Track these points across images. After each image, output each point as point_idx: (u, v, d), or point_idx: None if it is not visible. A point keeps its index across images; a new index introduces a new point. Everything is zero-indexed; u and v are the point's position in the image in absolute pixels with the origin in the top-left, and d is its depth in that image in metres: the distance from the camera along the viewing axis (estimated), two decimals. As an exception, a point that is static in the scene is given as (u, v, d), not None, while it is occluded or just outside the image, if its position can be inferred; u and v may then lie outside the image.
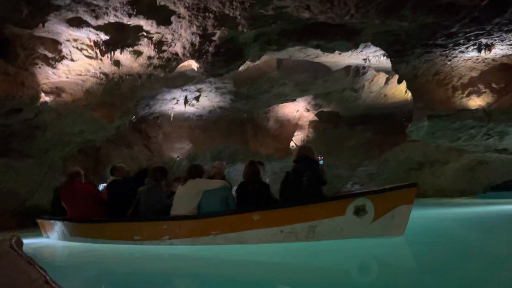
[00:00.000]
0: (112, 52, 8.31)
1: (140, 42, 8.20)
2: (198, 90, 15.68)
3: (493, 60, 10.03)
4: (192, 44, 8.16)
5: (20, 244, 1.96)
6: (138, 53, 8.54)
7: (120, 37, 8.02)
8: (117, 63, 8.84)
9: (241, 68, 13.53)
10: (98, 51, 8.27)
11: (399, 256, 4.63)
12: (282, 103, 17.80)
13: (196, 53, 8.34)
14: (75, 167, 7.93)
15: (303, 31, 8.45)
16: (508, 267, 4.00)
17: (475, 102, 10.59)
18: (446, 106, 10.77)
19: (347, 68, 14.44)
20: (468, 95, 10.57)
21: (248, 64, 13.14)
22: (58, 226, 7.27)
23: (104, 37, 7.93)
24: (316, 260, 4.49)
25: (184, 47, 8.32)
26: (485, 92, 10.47)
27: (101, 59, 8.59)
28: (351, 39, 8.54)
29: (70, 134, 10.37)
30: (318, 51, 11.51)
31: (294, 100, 17.39)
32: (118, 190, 5.99)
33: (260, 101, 16.71)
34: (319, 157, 5.99)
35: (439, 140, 12.18)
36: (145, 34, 7.97)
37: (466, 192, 18.94)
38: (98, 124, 10.23)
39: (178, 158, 16.80)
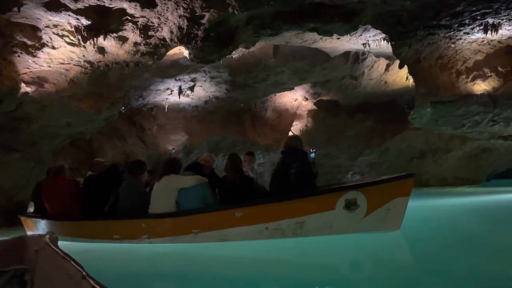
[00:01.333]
0: (95, 38, 7.81)
1: (124, 27, 7.70)
2: (193, 80, 15.23)
3: (499, 42, 9.52)
4: (180, 28, 7.66)
5: (55, 240, 1.95)
6: (123, 39, 8.04)
7: (102, 22, 7.52)
8: (101, 50, 8.35)
9: (235, 55, 13.11)
10: (80, 37, 7.78)
11: (394, 251, 4.38)
12: (280, 92, 17.35)
13: (184, 38, 7.85)
14: (59, 161, 7.49)
15: (299, 13, 7.95)
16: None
17: (480, 86, 10.09)
18: (450, 92, 10.28)
19: (346, 54, 13.95)
20: (473, 80, 10.07)
21: (243, 51, 12.66)
22: (41, 224, 6.89)
23: (85, 22, 7.42)
24: (305, 257, 4.27)
25: (171, 32, 7.82)
26: (490, 76, 9.97)
27: (84, 46, 8.10)
28: (349, 20, 8.03)
29: (57, 126, 9.91)
30: (316, 36, 11.05)
31: (292, 88, 16.93)
32: (92, 186, 5.57)
33: (257, 90, 16.26)
34: (311, 150, 5.58)
35: (443, 127, 11.71)
36: (129, 18, 7.46)
37: (469, 181, 18.52)
38: (85, 116, 9.76)
39: (173, 150, 16.39)
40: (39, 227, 7.02)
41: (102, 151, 14.53)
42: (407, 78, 15.03)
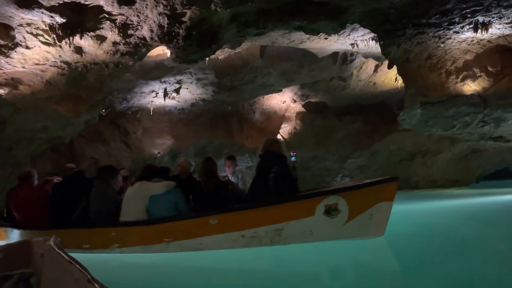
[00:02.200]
0: (71, 37, 7.42)
1: (102, 26, 7.33)
2: (178, 82, 14.85)
3: (488, 41, 9.35)
4: (160, 26, 7.32)
5: (60, 244, 1.93)
6: (101, 39, 7.67)
7: (78, 20, 7.15)
8: (79, 50, 7.97)
9: (221, 56, 12.80)
10: (55, 37, 7.38)
11: (378, 259, 4.22)
12: (268, 94, 17.05)
13: (165, 36, 7.51)
14: (26, 167, 7.07)
15: (284, 11, 7.67)
16: (503, 264, 3.79)
17: (470, 87, 9.92)
18: (439, 92, 10.10)
19: (334, 55, 13.71)
20: (462, 80, 9.90)
21: (229, 52, 12.36)
22: (12, 233, 6.50)
23: (59, 19, 7.04)
24: (283, 266, 4.07)
25: (151, 30, 7.48)
26: (480, 76, 9.81)
27: (60, 46, 7.71)
28: (336, 18, 7.77)
29: (33, 130, 9.48)
30: (303, 36, 10.79)
31: (280, 90, 16.64)
32: (59, 193, 5.20)
33: (244, 92, 15.94)
34: (292, 153, 5.36)
35: (433, 128, 11.54)
36: (106, 16, 7.10)
37: (458, 182, 18.48)
38: (63, 119, 9.34)
39: (159, 154, 15.97)
40: (10, 236, 6.65)
41: (84, 156, 14.06)
42: (396, 79, 14.86)
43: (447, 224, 6.88)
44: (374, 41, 10.43)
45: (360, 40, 10.62)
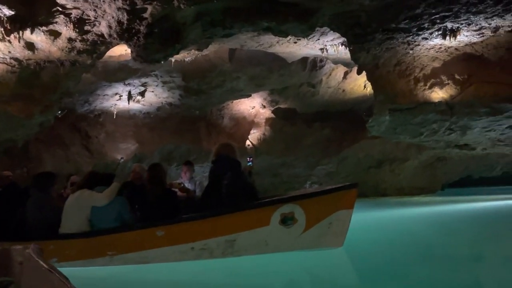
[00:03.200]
0: (21, 31, 6.87)
1: (55, 20, 6.81)
2: (143, 85, 14.32)
3: (456, 49, 9.37)
4: (119, 22, 6.87)
5: (39, 252, 1.89)
6: (55, 34, 7.15)
7: (29, 13, 6.62)
8: (30, 46, 7.41)
9: (188, 58, 12.40)
10: (3, 30, 6.81)
11: (336, 270, 4.03)
12: (237, 99, 16.73)
13: (125, 33, 7.06)
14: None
15: (252, 11, 7.37)
16: (469, 271, 3.78)
17: (438, 94, 9.91)
18: (408, 99, 10.04)
19: (304, 60, 13.55)
20: (430, 87, 9.87)
21: (196, 54, 11.97)
22: None
23: (7, 12, 6.49)
24: (235, 279, 3.82)
25: (110, 26, 7.01)
26: (448, 84, 9.81)
27: (9, 41, 7.13)
28: (305, 20, 7.53)
29: (-20, 132, 8.76)
30: (272, 40, 10.57)
31: (249, 95, 16.36)
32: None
33: (212, 96, 15.55)
34: (248, 159, 5.08)
35: (401, 135, 11.50)
36: (60, 9, 6.60)
37: (425, 190, 18.70)
38: (13, 120, 8.66)
39: (122, 160, 15.30)
40: None
41: (41, 160, 13.27)
42: (365, 86, 14.87)
43: (412, 232, 6.80)
44: (343, 46, 10.31)
45: (330, 45, 10.48)
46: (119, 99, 14.78)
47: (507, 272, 3.75)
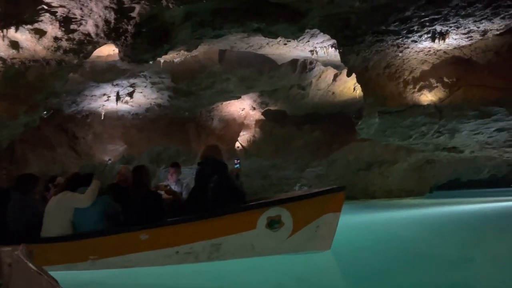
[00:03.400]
0: (5, 30, 6.72)
1: (41, 18, 6.68)
2: (132, 86, 14.13)
3: (444, 52, 9.43)
4: (107, 21, 6.75)
5: (29, 254, 1.88)
6: (40, 33, 7.01)
7: (13, 11, 6.47)
8: (15, 45, 7.26)
9: (177, 59, 12.29)
10: (-14, 28, 6.65)
11: (324, 274, 3.99)
12: (226, 100, 16.63)
13: (112, 33, 6.94)
14: None
15: (241, 12, 7.31)
16: (457, 274, 3.76)
17: (427, 97, 9.95)
18: (397, 102, 10.06)
19: (294, 62, 13.52)
20: (419, 90, 9.90)
21: (185, 54, 11.86)
22: None
23: (-9, 9, 6.32)
24: (221, 283, 3.78)
25: (97, 26, 6.89)
26: (437, 86, 9.85)
27: (-7, 39, 6.96)
28: (295, 21, 7.49)
29: (-37, 132, 8.56)
30: (262, 41, 10.51)
31: (238, 97, 16.26)
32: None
33: (202, 98, 15.42)
34: (236, 161, 5.03)
35: (390, 138, 11.53)
36: (45, 7, 6.46)
37: (413, 192, 18.81)
38: (-3, 121, 8.48)
39: (109, 161, 15.10)
40: None
41: (26, 162, 13.02)
42: (354, 89, 14.89)
43: (400, 235, 6.79)
44: (333, 48, 10.29)
45: (320, 47, 10.46)
46: (107, 100, 14.57)
47: (496, 275, 3.73)
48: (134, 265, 3.95)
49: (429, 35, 8.07)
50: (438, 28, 7.82)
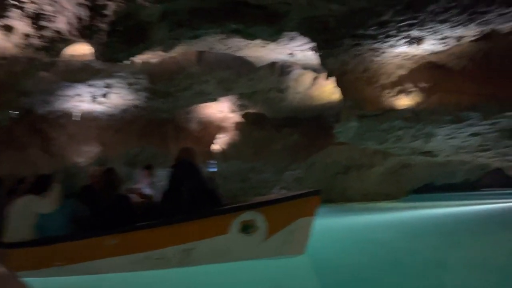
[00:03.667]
0: (-29, 25, 6.42)
1: (9, 14, 6.40)
2: (107, 86, 13.81)
3: (421, 58, 9.55)
4: (80, 18, 6.54)
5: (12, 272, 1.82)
6: (8, 29, 6.72)
7: (-20, 5, 6.17)
8: (-18, 41, 6.93)
9: (154, 60, 12.09)
10: (-49, 23, 6.34)
11: (298, 279, 3.93)
12: (205, 102, 16.45)
13: (86, 31, 6.72)
14: None
15: (220, 12, 7.20)
16: (432, 277, 3.76)
17: (404, 101, 10.05)
18: (375, 106, 10.13)
19: (272, 65, 13.48)
20: (396, 94, 10.00)
21: (163, 55, 11.69)
22: None
23: (-44, 3, 6.04)
24: None
25: (69, 23, 6.66)
26: (413, 91, 9.96)
27: (-42, 35, 6.65)
28: (274, 23, 7.44)
29: None
30: (241, 43, 10.42)
31: (217, 99, 16.13)
32: None
33: (180, 99, 15.22)
34: (211, 164, 4.92)
35: (368, 142, 11.60)
36: (14, 2, 6.21)
37: (390, 196, 19.02)
38: (-38, 120, 8.13)
39: (84, 163, 14.71)
40: None
41: (-5, 163, 12.56)
42: (332, 92, 14.95)
43: (376, 238, 6.81)
44: (312, 51, 10.29)
45: (299, 50, 10.47)
46: (82, 100, 14.23)
47: (468, 278, 3.77)
48: (102, 272, 3.81)
49: (406, 40, 8.16)
50: (415, 33, 7.91)
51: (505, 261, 4.54)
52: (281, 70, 13.95)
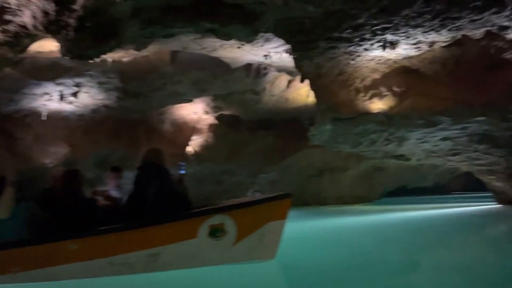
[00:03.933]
0: None
1: (-31, 6, 6.04)
2: (77, 85, 13.39)
3: (395, 62, 9.67)
4: (46, 13, 6.23)
5: None
6: (-31, 22, 6.34)
7: None
8: None
9: (126, 59, 11.80)
10: None
11: (268, 285, 3.81)
12: (178, 103, 16.19)
13: (52, 26, 6.41)
14: None
15: (194, 11, 7.04)
16: (404, 280, 3.79)
17: (377, 105, 10.13)
18: (349, 109, 10.17)
19: (248, 67, 13.38)
20: (370, 98, 10.08)
21: (135, 54, 11.39)
22: None
23: None
24: None
25: (34, 17, 6.34)
26: (387, 95, 10.07)
27: None
28: (249, 24, 7.34)
29: None
30: (215, 44, 10.26)
31: (191, 100, 15.90)
32: None
33: (152, 100, 14.92)
34: (180, 165, 4.83)
35: (341, 145, 11.64)
36: (-25, -7, 5.86)
37: (363, 199, 19.23)
38: None
39: (51, 164, 14.20)
40: None
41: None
42: (307, 95, 14.98)
43: (348, 241, 6.82)
44: (287, 53, 10.25)
45: (274, 52, 10.40)
46: (50, 99, 13.73)
47: (438, 279, 3.75)
48: (62, 278, 3.61)
49: (380, 43, 8.22)
50: (389, 37, 7.98)
51: (473, 262, 4.60)
52: (256, 72, 13.87)
